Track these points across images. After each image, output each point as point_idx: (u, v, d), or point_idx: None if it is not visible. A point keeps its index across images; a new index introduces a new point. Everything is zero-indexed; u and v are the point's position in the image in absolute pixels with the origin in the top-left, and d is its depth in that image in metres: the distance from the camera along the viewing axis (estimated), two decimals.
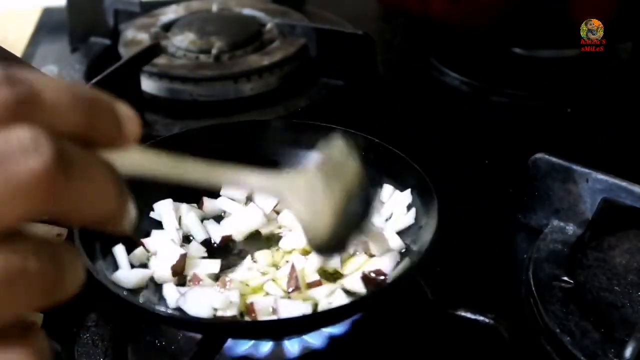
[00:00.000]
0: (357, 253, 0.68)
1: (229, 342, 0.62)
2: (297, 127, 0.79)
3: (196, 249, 0.71)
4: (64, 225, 0.32)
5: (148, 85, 1.03)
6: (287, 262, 0.68)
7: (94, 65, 1.11)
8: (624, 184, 0.70)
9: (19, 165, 0.29)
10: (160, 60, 1.04)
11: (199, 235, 0.72)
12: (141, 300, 0.64)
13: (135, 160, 0.36)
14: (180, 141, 0.78)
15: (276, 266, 0.69)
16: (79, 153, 0.31)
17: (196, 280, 0.65)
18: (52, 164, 0.29)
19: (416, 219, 0.70)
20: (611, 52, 1.08)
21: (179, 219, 0.73)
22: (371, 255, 0.68)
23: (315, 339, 0.63)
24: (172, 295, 0.64)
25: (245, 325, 0.61)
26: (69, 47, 1.17)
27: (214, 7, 1.18)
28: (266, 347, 0.62)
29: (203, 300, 0.62)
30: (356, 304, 0.61)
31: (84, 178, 0.31)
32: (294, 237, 0.70)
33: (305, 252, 0.68)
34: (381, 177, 0.74)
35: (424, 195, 0.69)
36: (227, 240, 0.72)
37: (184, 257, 0.67)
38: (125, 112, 0.35)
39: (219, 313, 0.62)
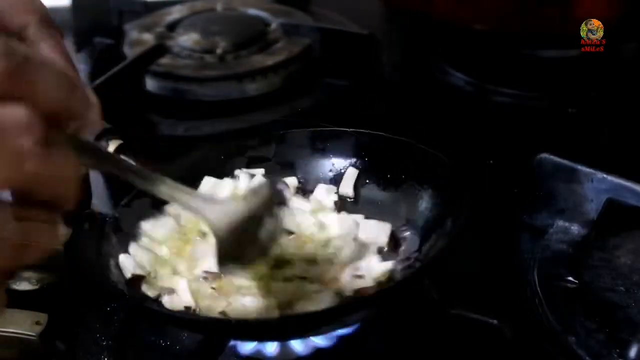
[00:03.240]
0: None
1: (234, 341, 0.62)
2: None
3: None
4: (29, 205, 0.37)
5: (152, 85, 1.03)
6: None
7: (98, 65, 1.11)
8: (628, 184, 0.70)
9: (12, 140, 0.33)
10: (165, 60, 1.04)
11: None
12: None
13: (90, 151, 0.42)
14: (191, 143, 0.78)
15: None
16: (57, 136, 0.36)
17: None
18: (40, 145, 0.34)
19: (439, 219, 0.68)
20: (615, 52, 1.08)
21: None
22: None
23: (322, 338, 0.63)
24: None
25: (248, 325, 0.60)
26: (73, 47, 1.17)
27: (219, 7, 1.18)
28: (273, 347, 0.62)
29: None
30: (361, 306, 0.61)
31: (60, 158, 0.36)
32: None
33: None
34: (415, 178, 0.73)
35: (454, 195, 0.67)
36: None
37: None
38: (94, 100, 0.39)
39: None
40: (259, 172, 0.76)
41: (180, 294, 0.63)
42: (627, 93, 1.03)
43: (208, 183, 0.74)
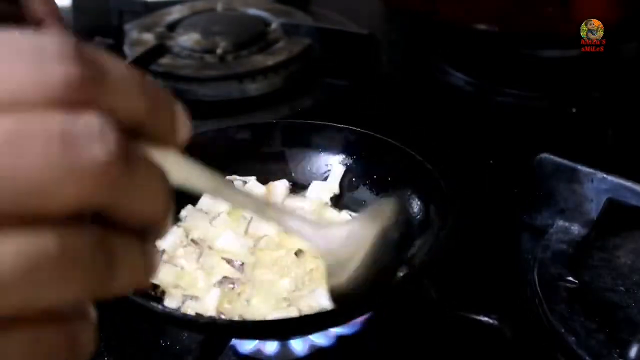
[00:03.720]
0: None
1: (234, 341, 0.62)
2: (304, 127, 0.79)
3: None
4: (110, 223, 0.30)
5: None
6: None
7: None
8: (629, 184, 0.70)
9: (84, 151, 0.28)
10: (165, 60, 1.04)
11: None
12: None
13: (181, 167, 0.34)
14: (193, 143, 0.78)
15: None
16: (140, 149, 0.30)
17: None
18: (116, 156, 0.28)
19: (429, 222, 0.68)
20: (615, 52, 1.08)
21: None
22: None
23: (321, 338, 0.63)
24: None
25: (248, 325, 0.60)
26: None
27: (219, 7, 1.18)
28: (273, 346, 0.62)
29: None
30: (361, 305, 0.61)
31: (142, 175, 0.30)
32: None
33: None
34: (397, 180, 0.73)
35: (438, 200, 0.67)
36: None
37: None
38: (181, 112, 0.33)
39: None
40: (251, 179, 0.76)
41: (207, 301, 0.63)
42: (627, 93, 1.03)
43: (207, 198, 0.75)
